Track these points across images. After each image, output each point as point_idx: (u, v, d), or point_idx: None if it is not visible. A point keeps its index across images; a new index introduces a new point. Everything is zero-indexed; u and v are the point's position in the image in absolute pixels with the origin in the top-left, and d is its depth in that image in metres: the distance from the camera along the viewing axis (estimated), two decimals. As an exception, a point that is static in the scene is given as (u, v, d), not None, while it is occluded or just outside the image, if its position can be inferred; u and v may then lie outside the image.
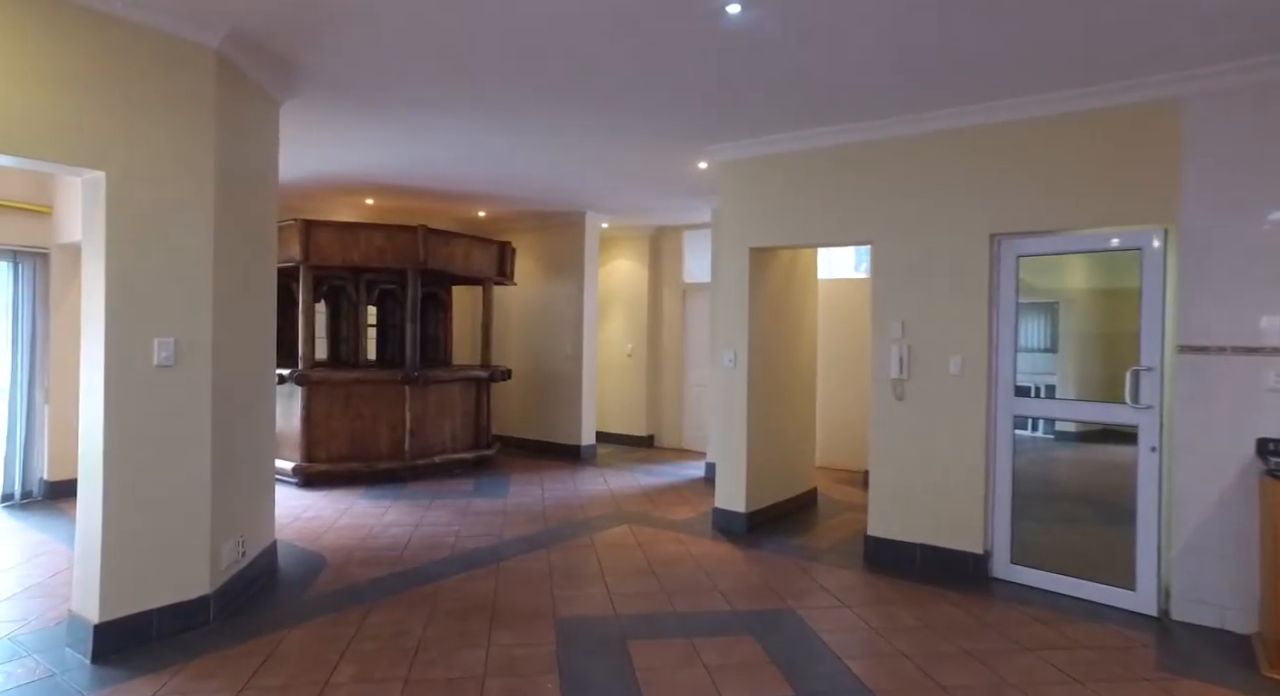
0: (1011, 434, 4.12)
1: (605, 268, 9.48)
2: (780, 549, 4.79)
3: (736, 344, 5.23)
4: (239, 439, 3.69)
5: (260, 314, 4.00)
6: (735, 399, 5.23)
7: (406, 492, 6.23)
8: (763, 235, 5.14)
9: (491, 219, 8.71)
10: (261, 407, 4.06)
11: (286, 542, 4.69)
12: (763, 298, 5.34)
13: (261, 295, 4.02)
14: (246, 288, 3.78)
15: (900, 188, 4.48)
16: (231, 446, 3.58)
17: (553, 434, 8.55)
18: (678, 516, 5.64)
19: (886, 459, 4.53)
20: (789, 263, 5.67)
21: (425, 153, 5.70)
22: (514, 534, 5.03)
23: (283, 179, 6.72)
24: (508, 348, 9.03)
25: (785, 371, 5.66)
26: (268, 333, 4.11)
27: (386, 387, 6.72)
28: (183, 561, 3.26)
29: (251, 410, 3.88)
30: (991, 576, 4.17)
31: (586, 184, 6.80)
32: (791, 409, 5.76)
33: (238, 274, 3.64)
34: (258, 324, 3.95)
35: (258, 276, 3.95)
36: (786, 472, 5.70)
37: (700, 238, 8.95)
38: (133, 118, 3.08)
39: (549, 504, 5.97)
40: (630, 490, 6.61)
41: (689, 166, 5.93)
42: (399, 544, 4.72)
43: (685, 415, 9.09)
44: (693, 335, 9.08)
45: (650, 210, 8.08)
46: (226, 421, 3.52)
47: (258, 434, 3.98)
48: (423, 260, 6.73)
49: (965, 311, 4.23)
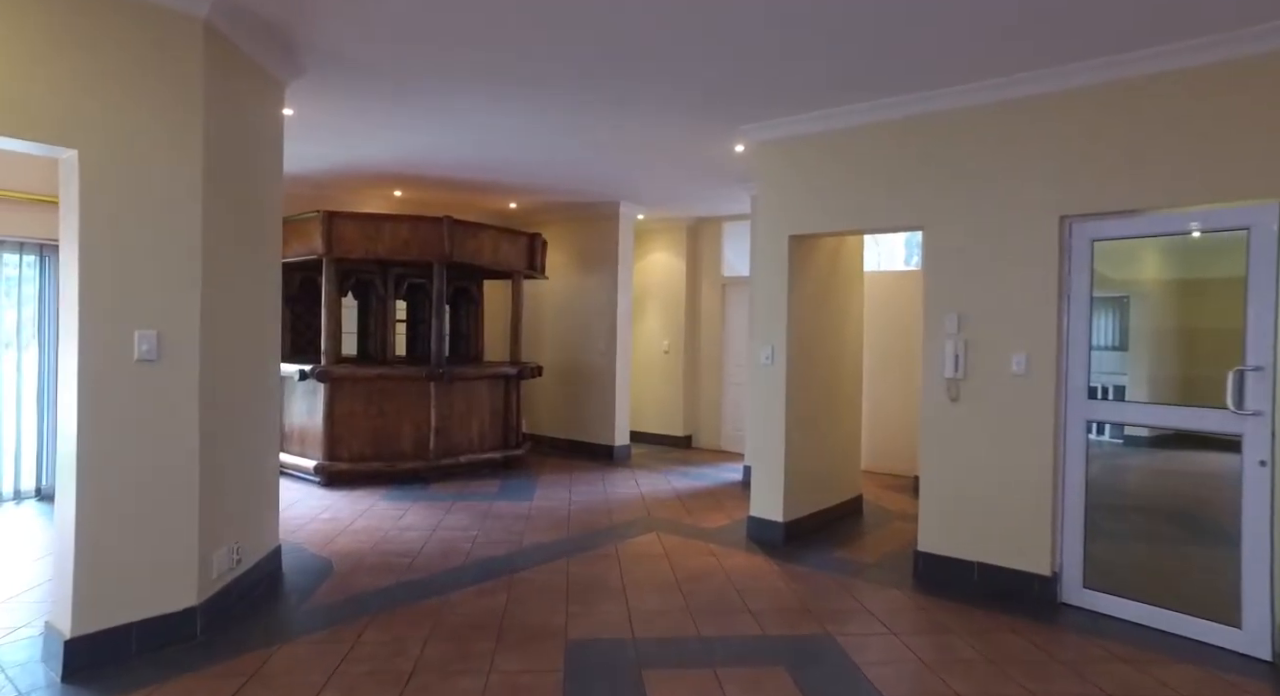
0: (1085, 441, 3.63)
1: (641, 261, 9.15)
2: (820, 563, 4.38)
3: (774, 339, 4.84)
4: (235, 439, 3.46)
5: (261, 305, 3.77)
6: (772, 398, 4.84)
7: (428, 494, 6.00)
8: (803, 221, 4.73)
9: (523, 211, 8.45)
10: (264, 406, 3.83)
11: (296, 547, 4.47)
12: (803, 289, 4.93)
13: (263, 286, 3.79)
14: (244, 277, 3.55)
15: (957, 166, 4.03)
16: (225, 447, 3.35)
17: (585, 433, 8.26)
18: (710, 524, 5.27)
19: (939, 466, 4.09)
20: (832, 252, 5.25)
21: (447, 136, 5.43)
22: (534, 541, 4.73)
23: (308, 171, 6.56)
24: (539, 344, 8.77)
25: (828, 369, 5.24)
26: (269, 325, 3.88)
27: (411, 385, 6.50)
28: (166, 571, 3.03)
29: (251, 409, 3.65)
30: (1061, 602, 3.69)
31: (618, 172, 6.46)
32: (835, 409, 5.33)
33: (232, 263, 3.41)
34: (258, 316, 3.72)
35: (258, 266, 3.72)
36: (829, 478, 5.28)
37: (740, 229, 8.54)
38: (110, 93, 2.85)
39: (575, 508, 5.66)
40: (662, 494, 6.26)
41: (725, 149, 5.55)
42: (412, 550, 4.47)
43: (724, 415, 8.70)
44: (732, 331, 8.68)
45: (687, 200, 7.71)
46: (219, 420, 3.29)
47: (259, 433, 3.76)
48: (448, 252, 6.49)
49: (1030, 304, 3.76)
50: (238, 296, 3.49)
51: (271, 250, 3.90)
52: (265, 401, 3.85)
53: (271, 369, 3.93)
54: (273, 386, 3.94)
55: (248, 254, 3.60)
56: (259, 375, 3.74)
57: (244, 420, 3.56)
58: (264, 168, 3.80)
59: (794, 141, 4.76)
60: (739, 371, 8.53)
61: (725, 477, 7.05)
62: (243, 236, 3.54)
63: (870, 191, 4.41)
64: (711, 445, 8.75)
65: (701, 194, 7.34)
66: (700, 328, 8.92)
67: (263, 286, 3.79)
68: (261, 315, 3.77)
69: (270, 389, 3.91)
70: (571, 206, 8.16)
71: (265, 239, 3.82)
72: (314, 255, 6.29)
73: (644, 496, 6.15)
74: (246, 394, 3.59)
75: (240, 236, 3.51)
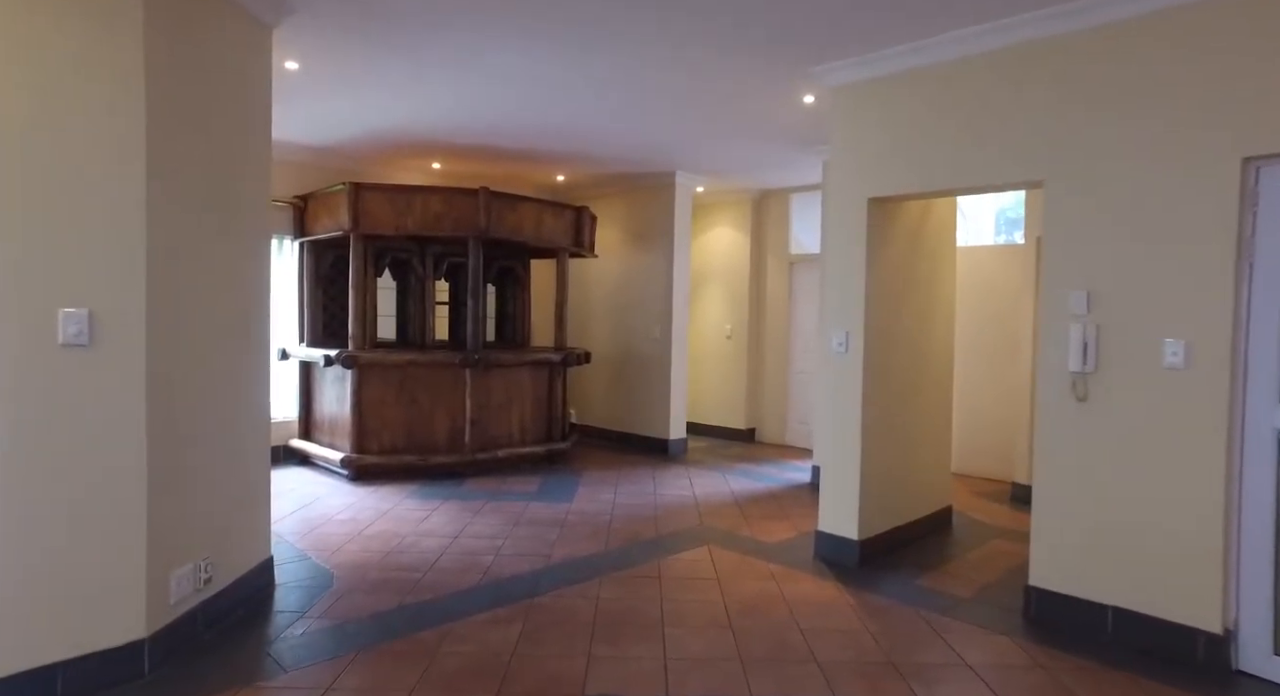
0: (1277, 456, 2.74)
1: (700, 238, 8.40)
2: (904, 593, 3.62)
3: (849, 323, 4.06)
4: (205, 436, 2.95)
5: (243, 279, 3.24)
6: (846, 392, 4.07)
7: (460, 492, 5.47)
8: (886, 181, 3.92)
9: (571, 184, 7.81)
10: (248, 396, 3.32)
11: (300, 555, 3.99)
12: (884, 264, 4.12)
13: (246, 257, 3.26)
14: (217, 246, 3.01)
15: (1091, 102, 3.16)
16: (191, 446, 2.84)
17: (637, 425, 7.61)
18: (772, 537, 4.55)
19: (1059, 481, 3.25)
20: (919, 219, 4.41)
21: (479, 93, 4.81)
22: (566, 554, 4.11)
23: (336, 141, 6.08)
24: (588, 328, 8.15)
25: (912, 358, 4.42)
26: (254, 303, 3.35)
27: (445, 372, 5.98)
28: (106, 597, 2.53)
29: (228, 400, 3.13)
30: (1236, 670, 2.82)
31: (672, 134, 5.74)
32: (921, 406, 4.51)
33: (198, 229, 2.87)
34: (236, 292, 3.19)
35: (238, 234, 3.19)
36: (913, 487, 4.47)
37: (810, 201, 7.69)
38: (20, 20, 2.32)
39: (618, 513, 5.03)
40: (718, 497, 5.56)
41: (792, 102, 4.76)
42: (425, 562, 3.92)
43: (790, 407, 7.91)
44: (801, 314, 7.86)
45: (750, 168, 6.92)
46: (181, 415, 2.77)
47: (240, 429, 3.24)
48: (484, 227, 5.91)
49: (1193, 275, 2.88)
50: (208, 268, 2.96)
51: (257, 217, 3.36)
52: (250, 391, 3.33)
53: (257, 353, 3.40)
54: (258, 373, 3.42)
55: (223, 220, 3.07)
56: (238, 361, 3.22)
57: (218, 414, 3.05)
58: (246, 122, 3.25)
59: (875, 84, 3.94)
60: (807, 359, 7.72)
61: (791, 478, 6.29)
62: (216, 199, 3.00)
63: (971, 141, 3.57)
64: (776, 440, 7.98)
65: (766, 160, 6.54)
66: (765, 310, 8.14)
67: (246, 258, 3.26)
68: (243, 291, 3.24)
69: (256, 376, 3.39)
70: (623, 177, 7.47)
71: (249, 204, 3.29)
72: (341, 231, 5.82)
73: (697, 500, 5.46)
74: (222, 383, 3.08)
75: (213, 199, 2.98)
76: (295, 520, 4.67)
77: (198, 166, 2.88)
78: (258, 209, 3.37)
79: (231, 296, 3.16)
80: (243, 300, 3.26)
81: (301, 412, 6.47)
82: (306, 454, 6.20)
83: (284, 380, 6.51)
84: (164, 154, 2.64)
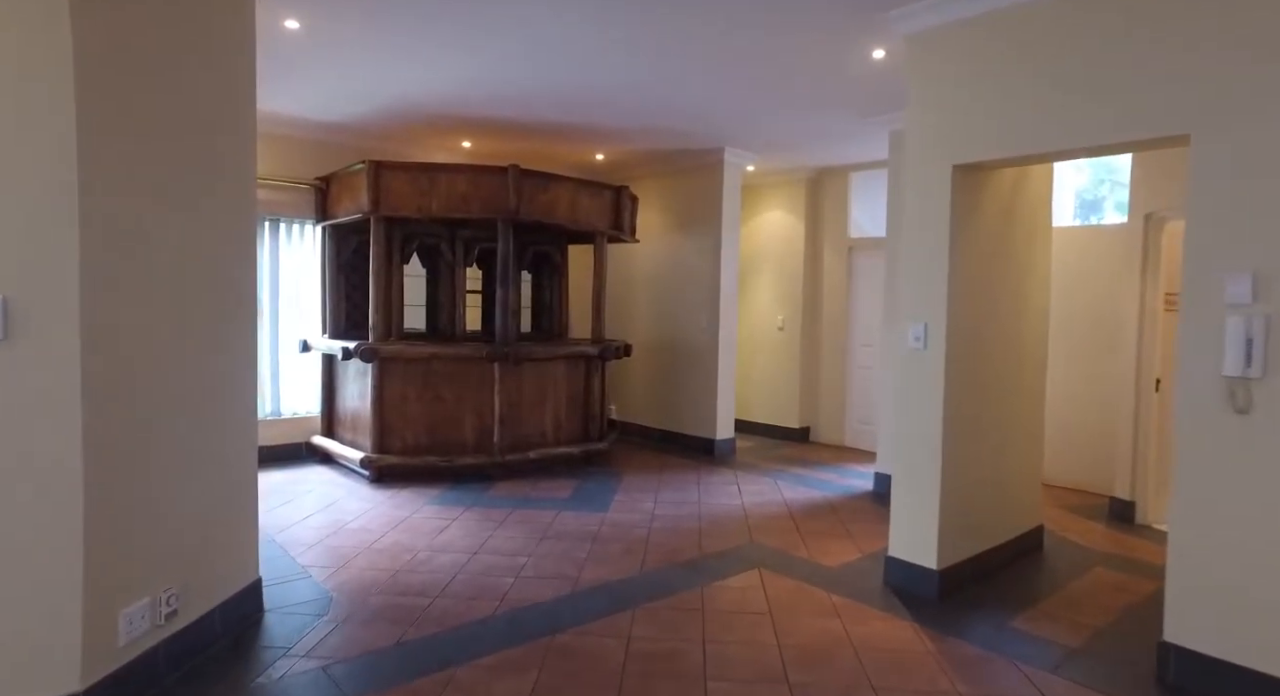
0: None
1: (750, 222, 7.78)
2: (997, 640, 3.00)
3: (929, 314, 3.44)
4: (166, 446, 2.51)
5: (221, 262, 2.80)
6: (924, 394, 3.45)
7: (487, 498, 5.01)
8: (975, 144, 3.28)
9: (611, 163, 7.27)
10: (232, 395, 2.88)
11: (300, 571, 3.57)
12: (971, 245, 3.48)
13: (226, 239, 2.81)
14: (184, 223, 2.57)
15: (1263, 35, 2.48)
16: (143, 458, 2.41)
17: (681, 423, 7.07)
18: (833, 559, 3.97)
19: (1209, 514, 2.59)
20: (1011, 191, 3.74)
21: (503, 57, 4.32)
22: (595, 577, 3.61)
23: (357, 116, 5.66)
24: (629, 318, 7.62)
25: (1002, 355, 3.77)
26: (235, 288, 2.91)
27: (471, 366, 5.53)
28: (27, 645, 2.10)
29: (202, 401, 2.69)
30: None
31: (721, 103, 5.14)
32: (1011, 410, 3.86)
33: (156, 202, 2.43)
34: (211, 275, 2.74)
35: (213, 210, 2.74)
36: (1001, 504, 3.83)
37: (872, 180, 7.01)
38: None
39: (658, 526, 4.50)
40: (770, 507, 4.99)
41: (859, 58, 4.13)
42: (436, 584, 3.45)
43: (849, 405, 7.26)
44: (860, 304, 7.20)
45: (806, 143, 6.27)
46: (131, 420, 2.33)
47: (220, 435, 2.81)
48: (514, 208, 5.42)
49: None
50: (174, 251, 2.51)
51: (240, 195, 2.91)
52: (231, 390, 2.89)
53: (240, 347, 2.96)
54: (242, 370, 2.98)
55: (197, 197, 2.62)
56: (215, 356, 2.78)
57: (188, 416, 2.61)
58: (225, 84, 2.79)
59: (961, 29, 3.30)
60: (868, 353, 7.06)
61: (851, 485, 5.67)
62: (186, 172, 2.55)
63: (1085, 91, 2.90)
64: (833, 440, 7.35)
65: (825, 132, 5.90)
66: (821, 300, 7.49)
67: (227, 241, 2.82)
68: (222, 277, 2.80)
69: (238, 373, 2.95)
70: (667, 155, 6.89)
71: (230, 179, 2.84)
72: (361, 213, 5.40)
73: (746, 510, 4.90)
74: (194, 381, 2.64)
75: (181, 172, 2.53)
76: (305, 528, 4.27)
77: (158, 132, 2.43)
78: (240, 185, 2.92)
79: (207, 283, 2.72)
80: (222, 287, 2.81)
81: (324, 408, 6.11)
82: (328, 452, 5.84)
83: (307, 374, 6.16)
84: (100, 111, 2.19)
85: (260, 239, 5.87)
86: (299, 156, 5.96)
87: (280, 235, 5.98)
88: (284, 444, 6.00)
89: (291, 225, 6.04)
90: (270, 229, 5.92)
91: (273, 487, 5.14)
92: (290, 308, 6.07)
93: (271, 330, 5.95)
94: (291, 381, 6.09)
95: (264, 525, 4.26)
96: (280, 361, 6.01)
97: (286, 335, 6.03)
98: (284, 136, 5.87)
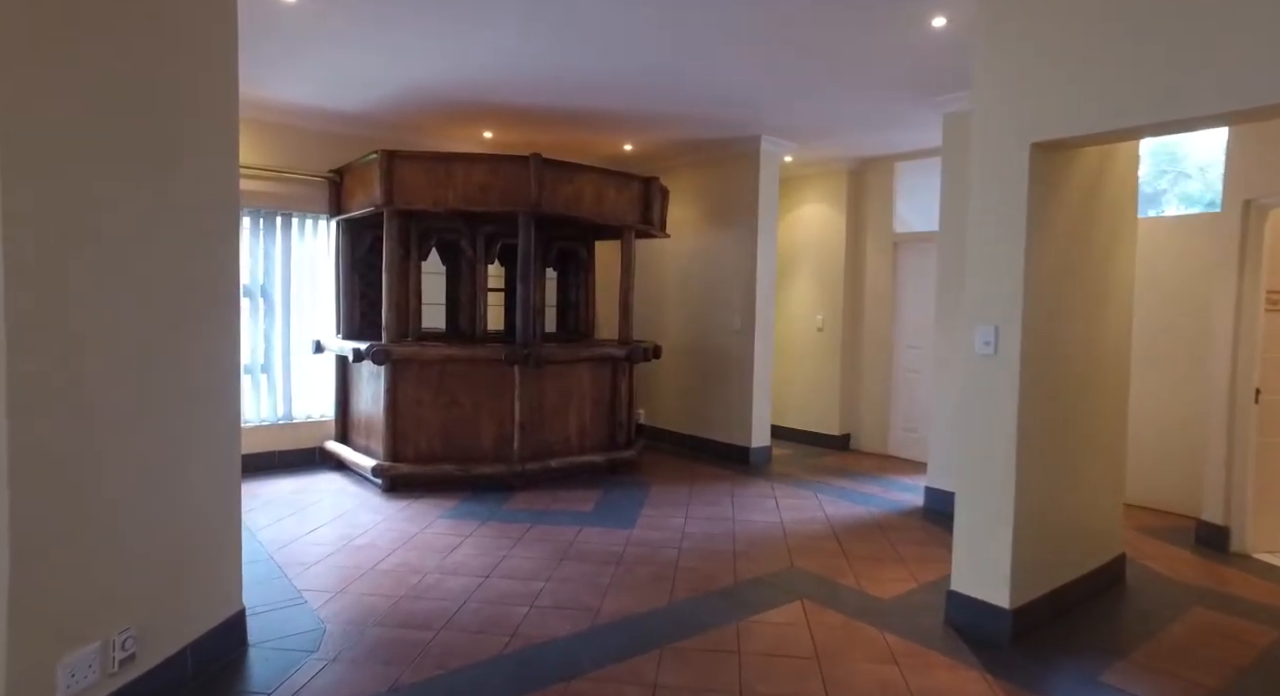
0: None
1: (787, 216, 7.35)
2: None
3: (1000, 315, 2.99)
4: (121, 462, 2.19)
5: (192, 260, 2.48)
6: (995, 407, 3.01)
7: (504, 511, 4.67)
8: (1059, 117, 2.82)
9: (640, 154, 6.88)
10: (208, 404, 2.56)
11: (295, 596, 3.25)
12: (1049, 236, 3.03)
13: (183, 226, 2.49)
14: (137, 207, 2.25)
15: None
16: (92, 478, 2.09)
17: (713, 429, 6.66)
18: (885, 589, 3.53)
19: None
20: (1094, 174, 3.27)
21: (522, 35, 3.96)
22: (618, 608, 3.23)
23: (372, 105, 5.36)
24: (659, 318, 7.23)
25: (1081, 360, 3.31)
26: (208, 280, 2.59)
27: (489, 368, 5.19)
28: (-49, 701, 1.80)
29: (170, 409, 2.38)
30: None
31: (759, 85, 4.73)
32: (1091, 422, 3.39)
33: (99, 184, 2.11)
34: (176, 266, 2.42)
35: (180, 195, 2.42)
36: (1080, 531, 3.37)
37: (920, 170, 6.53)
38: None
39: (689, 546, 4.11)
40: (812, 525, 4.56)
41: (917, 28, 3.69)
42: (442, 613, 3.10)
43: (893, 411, 6.78)
44: (907, 303, 6.72)
45: (850, 129, 5.82)
46: (77, 433, 2.02)
47: (194, 448, 2.49)
48: (536, 200, 5.06)
49: None
50: (127, 235, 2.19)
51: (210, 173, 2.58)
52: (208, 397, 2.57)
53: (217, 347, 2.63)
54: (221, 373, 2.65)
55: (157, 175, 2.30)
56: (187, 357, 2.46)
57: (152, 427, 2.29)
58: (192, 50, 2.47)
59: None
60: (914, 356, 6.58)
61: (898, 501, 5.21)
62: (132, 147, 2.23)
63: (1194, 49, 2.44)
64: (876, 448, 6.88)
65: (871, 117, 5.45)
66: (864, 299, 7.02)
67: (197, 229, 2.50)
68: (195, 268, 2.48)
69: (216, 377, 2.63)
70: (700, 144, 6.49)
71: (201, 156, 2.52)
72: (374, 207, 5.09)
73: (786, 529, 4.48)
74: (158, 387, 2.32)
75: (128, 147, 2.21)
76: (307, 544, 3.96)
77: (101, 100, 2.10)
78: (218, 168, 2.60)
79: (179, 277, 2.40)
80: (197, 282, 2.49)
81: (338, 413, 5.83)
82: (341, 459, 5.55)
83: (321, 376, 5.89)
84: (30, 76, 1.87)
85: (272, 235, 5.60)
86: (312, 148, 5.67)
87: (293, 231, 5.71)
88: (296, 449, 5.73)
89: (305, 220, 5.77)
90: (283, 224, 5.65)
91: (280, 497, 4.86)
92: (304, 307, 5.79)
93: (284, 330, 5.68)
94: (304, 384, 5.81)
95: (264, 540, 3.99)
96: (292, 363, 5.73)
97: (299, 335, 5.76)
98: (296, 127, 5.60)
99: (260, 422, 5.59)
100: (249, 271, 5.52)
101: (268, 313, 5.60)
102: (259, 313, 5.57)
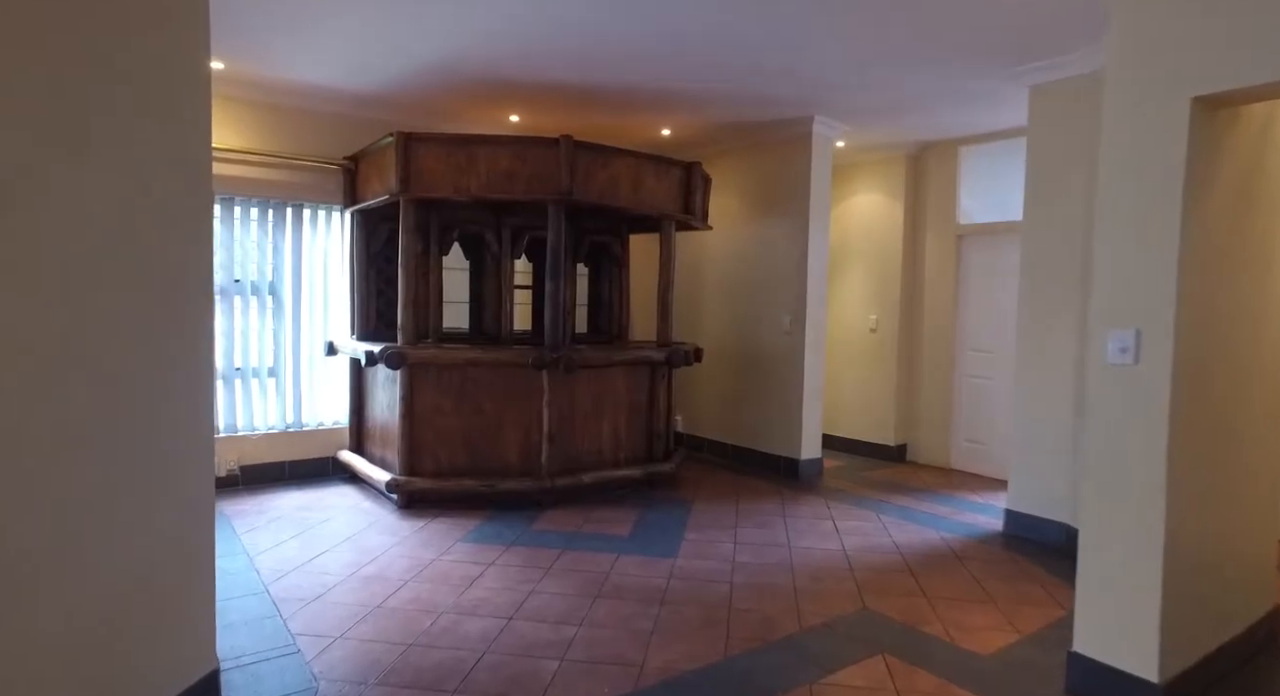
0: None
1: (839, 206, 6.75)
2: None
3: (1143, 315, 2.41)
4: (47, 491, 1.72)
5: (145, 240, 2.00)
6: (1137, 428, 2.42)
7: (532, 533, 4.17)
8: (1228, 64, 2.23)
9: (679, 139, 6.34)
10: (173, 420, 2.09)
11: (285, 645, 2.77)
12: (1209, 217, 2.44)
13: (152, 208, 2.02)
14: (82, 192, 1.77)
15: None
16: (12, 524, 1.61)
17: (759, 439, 6.10)
18: (981, 642, 2.95)
19: None
20: (1258, 139, 2.67)
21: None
22: (665, 663, 2.70)
23: (388, 84, 4.91)
24: (701, 318, 6.68)
25: (1241, 372, 2.70)
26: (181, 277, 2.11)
27: (515, 373, 4.69)
28: None
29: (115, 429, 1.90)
30: None
31: (814, 51, 4.17)
32: (1249, 447, 2.78)
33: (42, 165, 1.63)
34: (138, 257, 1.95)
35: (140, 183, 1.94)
36: (1236, 580, 2.76)
37: (989, 155, 5.91)
38: None
39: (741, 579, 3.56)
40: (879, 553, 3.99)
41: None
42: (457, 667, 2.60)
43: (957, 421, 6.16)
44: (971, 302, 6.09)
45: (914, 107, 5.22)
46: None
47: (149, 472, 2.01)
48: (567, 187, 4.55)
49: None
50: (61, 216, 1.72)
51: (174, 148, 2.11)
52: (169, 412, 2.09)
53: (182, 353, 2.15)
54: (188, 384, 2.17)
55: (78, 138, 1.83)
56: (140, 363, 1.98)
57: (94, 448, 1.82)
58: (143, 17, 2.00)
59: (1212, -104, 2.26)
60: (981, 360, 5.97)
61: (972, 524, 4.61)
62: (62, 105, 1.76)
63: None
64: (935, 461, 6.27)
65: (940, 92, 4.84)
66: (922, 297, 6.41)
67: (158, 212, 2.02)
68: (155, 259, 2.00)
69: (181, 388, 2.15)
70: (745, 127, 5.93)
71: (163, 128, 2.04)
72: (389, 195, 4.62)
73: (850, 557, 3.92)
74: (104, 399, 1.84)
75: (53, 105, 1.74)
76: (308, 574, 3.49)
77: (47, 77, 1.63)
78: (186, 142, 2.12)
79: (133, 269, 1.92)
80: (158, 276, 2.02)
81: (352, 420, 5.38)
82: (355, 471, 5.09)
83: (335, 380, 5.44)
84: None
85: (282, 227, 5.16)
86: (326, 133, 5.23)
87: (304, 223, 5.26)
88: (307, 459, 5.29)
89: (317, 211, 5.32)
90: (294, 216, 5.21)
91: (287, 514, 4.41)
92: (316, 305, 5.35)
93: (294, 331, 5.24)
94: (316, 389, 5.37)
95: (262, 568, 3.53)
96: (303, 366, 5.29)
97: (311, 336, 5.31)
98: (307, 110, 5.15)
99: (268, 430, 5.15)
100: (257, 268, 5.09)
101: (276, 312, 5.16)
102: (267, 312, 5.13)
